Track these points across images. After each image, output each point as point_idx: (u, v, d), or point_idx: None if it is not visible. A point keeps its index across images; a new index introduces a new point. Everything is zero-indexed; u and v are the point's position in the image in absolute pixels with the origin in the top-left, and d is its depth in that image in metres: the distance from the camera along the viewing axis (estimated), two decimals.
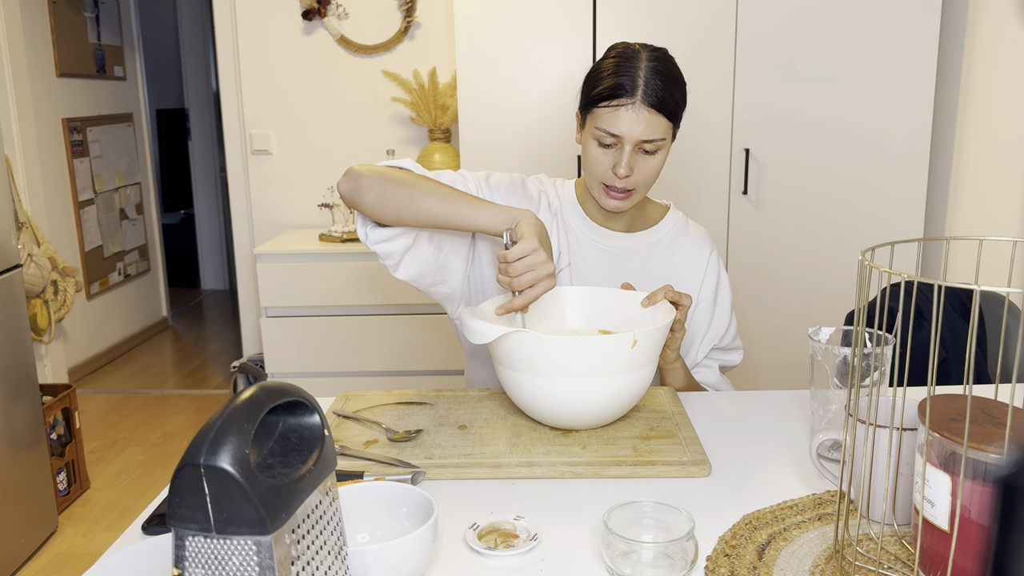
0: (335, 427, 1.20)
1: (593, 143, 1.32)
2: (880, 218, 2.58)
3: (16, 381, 2.34)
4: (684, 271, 1.45)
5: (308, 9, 3.13)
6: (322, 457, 0.68)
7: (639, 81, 1.27)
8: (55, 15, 3.76)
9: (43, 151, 3.63)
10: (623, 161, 1.29)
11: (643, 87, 1.27)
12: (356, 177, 1.23)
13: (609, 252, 1.43)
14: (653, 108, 1.27)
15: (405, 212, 1.20)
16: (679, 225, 1.47)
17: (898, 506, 0.88)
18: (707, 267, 1.46)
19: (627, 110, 1.27)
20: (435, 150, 3.07)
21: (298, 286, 2.88)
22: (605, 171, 1.32)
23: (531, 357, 1.09)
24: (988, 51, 2.41)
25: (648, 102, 1.27)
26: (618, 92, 1.27)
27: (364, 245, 1.29)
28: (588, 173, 1.35)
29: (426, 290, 1.37)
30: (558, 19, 2.54)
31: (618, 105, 1.27)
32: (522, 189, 1.42)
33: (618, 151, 1.30)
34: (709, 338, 1.47)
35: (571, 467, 1.05)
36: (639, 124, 1.27)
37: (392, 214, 1.21)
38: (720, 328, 1.47)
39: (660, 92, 1.27)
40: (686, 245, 1.46)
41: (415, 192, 1.19)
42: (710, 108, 2.55)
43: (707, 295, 1.46)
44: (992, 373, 1.57)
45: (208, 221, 5.67)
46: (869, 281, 0.76)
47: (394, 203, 1.20)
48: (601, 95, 1.29)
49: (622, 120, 1.27)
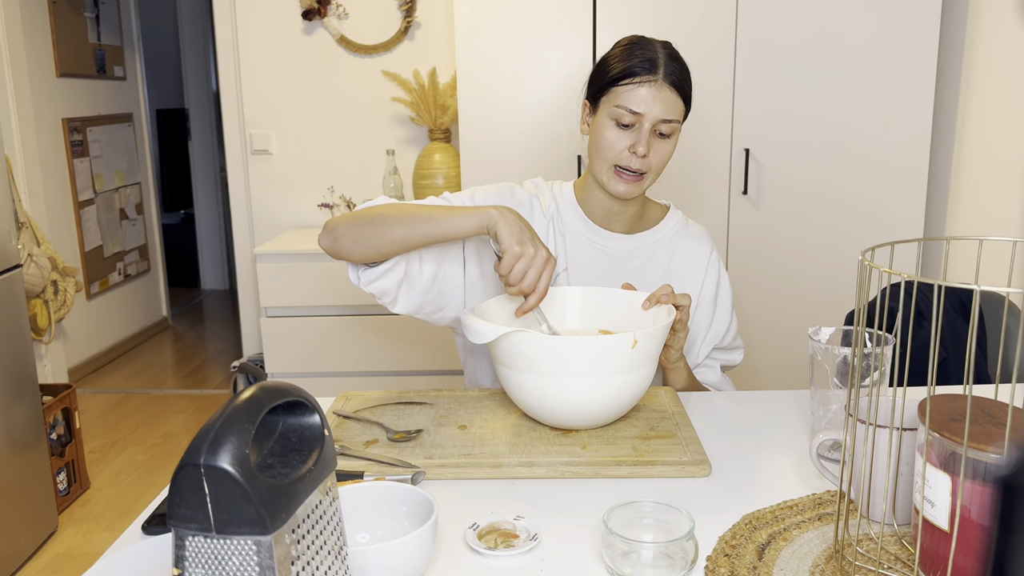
0: (335, 427, 1.20)
1: (609, 124, 1.31)
2: (880, 218, 2.58)
3: (16, 381, 2.34)
4: (684, 272, 1.45)
5: (308, 9, 3.13)
6: (322, 457, 0.68)
7: (659, 61, 1.29)
8: (55, 15, 3.76)
9: (43, 151, 3.63)
10: (643, 139, 1.29)
11: (664, 67, 1.29)
12: (331, 230, 1.25)
13: (609, 254, 1.42)
14: (674, 88, 1.29)
15: (383, 246, 1.21)
16: (679, 225, 1.47)
17: (898, 506, 0.88)
18: (707, 267, 1.46)
19: (650, 87, 1.28)
20: (435, 150, 3.07)
21: (298, 286, 2.88)
22: (620, 152, 1.31)
23: (531, 357, 1.09)
24: (988, 51, 2.41)
25: (669, 80, 1.29)
26: (640, 70, 1.29)
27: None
28: (599, 156, 1.34)
29: (430, 319, 1.37)
30: (558, 19, 2.54)
31: (640, 82, 1.28)
32: (510, 196, 1.40)
33: (636, 131, 1.30)
34: (710, 338, 1.46)
35: (571, 467, 1.05)
36: (660, 102, 1.28)
37: (373, 252, 1.22)
38: (721, 328, 1.46)
39: (679, 73, 1.30)
40: (686, 245, 1.46)
41: (385, 225, 1.21)
42: (710, 108, 2.55)
43: (708, 295, 1.46)
44: (992, 373, 1.57)
45: (208, 221, 5.67)
46: (869, 281, 0.76)
47: (371, 242, 1.21)
48: (622, 74, 1.30)
49: (644, 97, 1.28)
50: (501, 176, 2.63)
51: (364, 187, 3.28)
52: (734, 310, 1.49)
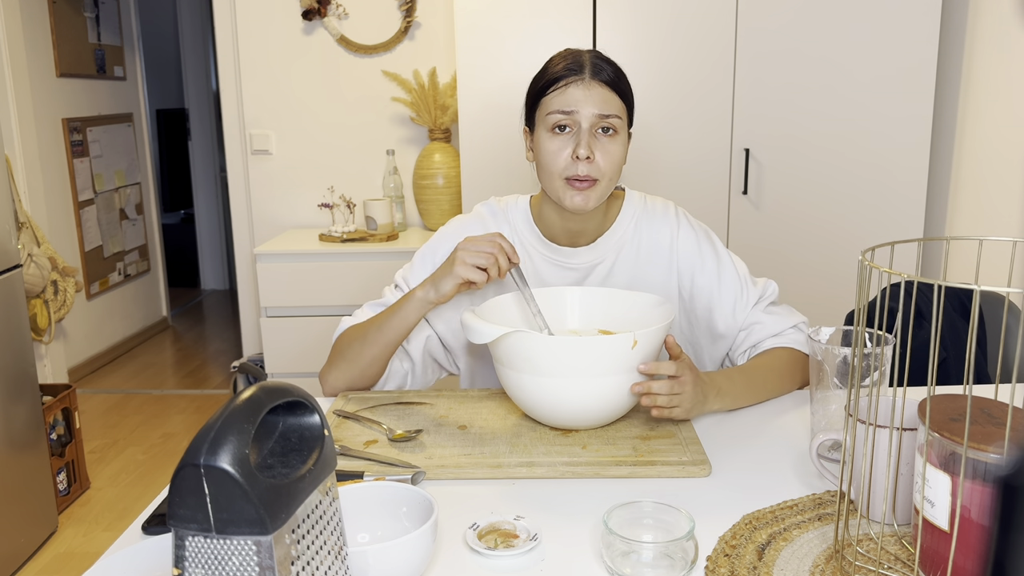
0: (335, 427, 1.20)
1: (547, 136, 1.27)
2: (880, 218, 2.58)
3: (16, 381, 2.34)
4: (653, 262, 1.36)
5: (308, 9, 3.13)
6: (322, 457, 0.68)
7: (584, 62, 1.26)
8: (55, 15, 3.76)
9: (43, 151, 3.63)
10: (583, 140, 1.24)
11: (590, 67, 1.26)
12: (323, 377, 1.36)
13: (571, 269, 1.36)
14: (605, 84, 1.25)
15: (367, 370, 1.32)
16: (638, 212, 1.38)
17: (898, 506, 0.88)
18: (674, 241, 1.36)
19: (577, 87, 1.24)
20: (435, 150, 3.07)
21: (298, 286, 2.88)
22: (565, 161, 1.25)
23: (531, 357, 1.09)
24: (988, 51, 2.41)
25: (599, 78, 1.25)
26: (564, 74, 1.25)
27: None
28: (547, 173, 1.28)
29: (455, 367, 1.44)
30: (558, 19, 2.54)
31: (567, 84, 1.25)
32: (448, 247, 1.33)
33: (575, 134, 1.25)
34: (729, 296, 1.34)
35: (571, 467, 1.05)
36: (592, 98, 1.24)
37: (365, 379, 1.33)
38: (733, 286, 1.35)
39: (609, 72, 1.26)
40: (647, 232, 1.37)
41: (353, 353, 1.31)
42: (710, 108, 2.55)
43: (688, 267, 1.36)
44: (992, 373, 1.57)
45: (208, 221, 5.66)
46: (869, 281, 0.76)
47: (356, 373, 1.32)
48: (548, 81, 1.27)
49: (574, 95, 1.24)
50: (501, 176, 2.63)
51: (364, 187, 3.28)
52: (733, 256, 1.38)
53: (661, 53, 2.53)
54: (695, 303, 1.37)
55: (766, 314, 1.35)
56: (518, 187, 2.62)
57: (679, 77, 2.54)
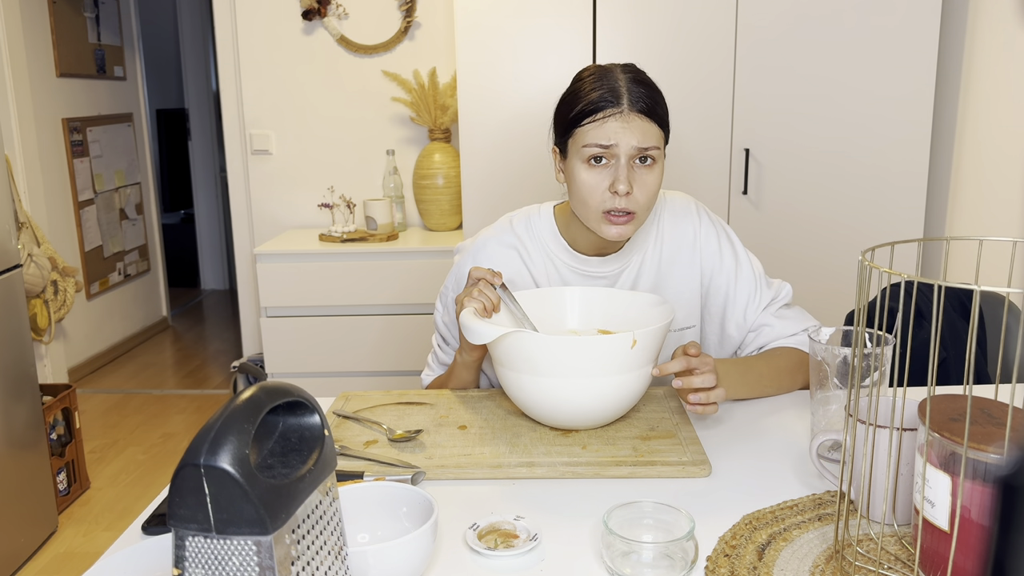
0: (335, 427, 1.20)
1: (582, 167, 1.23)
2: (880, 218, 2.58)
3: (16, 381, 2.34)
4: (677, 260, 1.37)
5: (308, 9, 3.13)
6: (322, 457, 0.68)
7: (621, 90, 1.21)
8: (55, 15, 3.76)
9: (43, 151, 3.63)
10: (621, 176, 1.20)
11: (627, 95, 1.21)
12: None
13: (600, 277, 1.36)
14: (644, 115, 1.21)
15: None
16: (660, 208, 1.38)
17: (898, 506, 0.88)
18: (697, 238, 1.36)
19: (615, 119, 1.20)
20: (435, 150, 3.07)
21: (298, 286, 2.88)
22: (603, 194, 1.22)
23: (531, 357, 1.09)
24: (988, 51, 2.41)
25: (637, 108, 1.20)
26: (601, 104, 1.20)
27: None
28: (583, 205, 1.25)
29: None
30: (558, 19, 2.54)
31: (605, 117, 1.20)
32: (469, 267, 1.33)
33: (613, 167, 1.21)
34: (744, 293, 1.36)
35: (571, 467, 1.05)
36: (631, 132, 1.20)
37: None
38: (748, 287, 1.36)
39: (646, 99, 1.21)
40: (669, 230, 1.37)
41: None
42: (710, 108, 2.55)
43: (711, 264, 1.37)
44: (992, 373, 1.57)
45: (208, 221, 5.66)
46: (869, 281, 0.76)
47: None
48: (584, 111, 1.22)
49: (613, 130, 1.20)
50: (500, 176, 2.63)
51: (364, 187, 3.28)
52: (750, 253, 1.39)
53: (661, 53, 2.53)
54: (709, 300, 1.39)
55: (776, 317, 1.37)
56: (518, 187, 2.62)
57: (679, 77, 2.54)
